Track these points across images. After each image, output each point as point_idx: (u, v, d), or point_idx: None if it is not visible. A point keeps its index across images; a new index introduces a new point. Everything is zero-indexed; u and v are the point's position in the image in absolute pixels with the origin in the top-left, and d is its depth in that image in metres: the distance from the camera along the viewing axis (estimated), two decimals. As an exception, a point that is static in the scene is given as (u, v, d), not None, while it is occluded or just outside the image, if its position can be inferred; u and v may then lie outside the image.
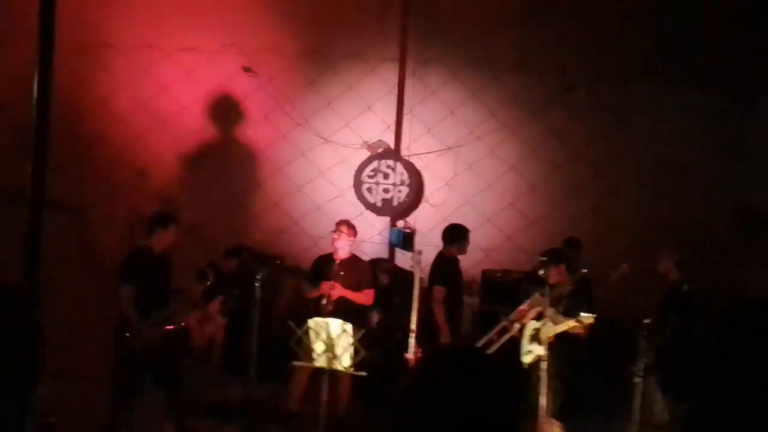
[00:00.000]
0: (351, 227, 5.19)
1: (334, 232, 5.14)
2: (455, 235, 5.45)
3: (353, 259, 5.20)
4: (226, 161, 6.65)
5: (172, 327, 4.68)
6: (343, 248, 5.12)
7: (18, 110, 6.25)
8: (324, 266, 5.14)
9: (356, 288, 5.10)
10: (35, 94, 5.74)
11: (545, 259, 4.68)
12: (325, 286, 5.00)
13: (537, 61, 6.34)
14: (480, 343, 4.74)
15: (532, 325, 4.75)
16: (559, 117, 6.35)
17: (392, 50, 6.51)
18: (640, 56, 6.29)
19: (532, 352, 4.74)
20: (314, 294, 5.07)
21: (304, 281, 5.23)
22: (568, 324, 4.59)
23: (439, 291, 5.25)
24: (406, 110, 6.56)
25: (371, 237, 6.45)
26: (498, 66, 6.39)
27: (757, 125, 6.27)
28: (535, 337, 4.74)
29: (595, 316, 4.57)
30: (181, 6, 6.66)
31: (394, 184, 6.48)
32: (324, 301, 5.01)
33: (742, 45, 6.16)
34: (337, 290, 5.00)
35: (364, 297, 5.18)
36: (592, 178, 6.27)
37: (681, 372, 4.54)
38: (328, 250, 5.24)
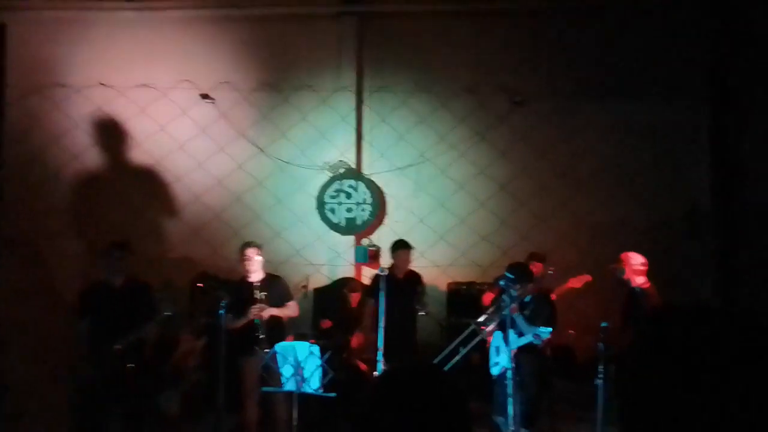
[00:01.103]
0: (257, 247, 5.18)
1: (242, 257, 5.14)
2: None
3: (269, 277, 5.19)
4: (183, 193, 6.68)
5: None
6: (257, 270, 5.13)
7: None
8: (241, 293, 5.02)
9: (280, 304, 5.12)
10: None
11: (512, 276, 4.81)
12: (255, 310, 4.92)
13: (484, 83, 6.61)
14: (445, 353, 4.84)
15: (498, 337, 4.88)
16: (505, 136, 6.60)
17: (343, 80, 6.71)
18: (580, 74, 6.62)
19: (498, 363, 4.87)
20: (242, 323, 4.93)
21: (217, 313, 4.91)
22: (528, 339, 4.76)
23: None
24: (358, 136, 6.73)
25: (335, 257, 6.55)
26: (448, 90, 6.64)
27: (692, 133, 6.62)
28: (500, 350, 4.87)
29: (551, 330, 4.77)
30: (135, 43, 6.73)
31: (357, 203, 6.60)
32: (259, 328, 4.88)
33: (676, 59, 6.54)
34: (267, 311, 4.97)
35: (291, 310, 5.19)
36: (538, 193, 6.52)
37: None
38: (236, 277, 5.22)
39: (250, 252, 5.11)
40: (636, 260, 4.97)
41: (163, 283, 5.97)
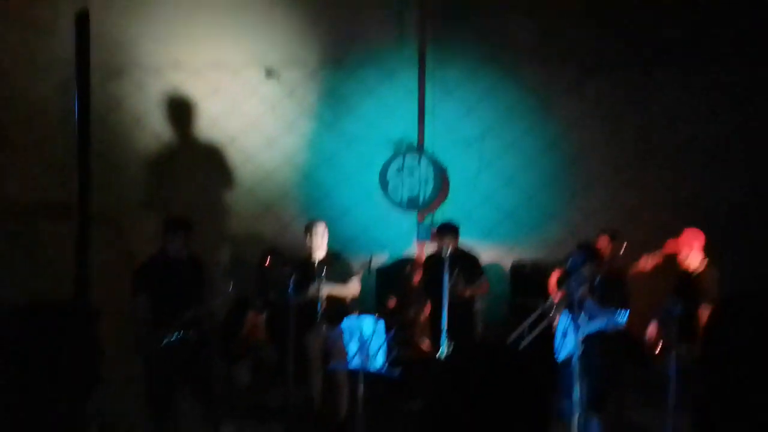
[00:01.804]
0: (323, 226, 5.22)
1: (308, 234, 5.19)
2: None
3: (330, 256, 5.25)
4: (254, 172, 6.87)
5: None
6: (320, 248, 5.16)
7: (60, 133, 6.63)
8: (304, 270, 5.13)
9: (341, 282, 5.17)
10: (76, 117, 6.08)
11: (580, 257, 4.70)
12: (312, 289, 5.02)
13: (553, 51, 6.36)
14: (512, 337, 4.81)
15: (565, 320, 4.78)
16: (576, 108, 6.36)
17: (407, 53, 6.62)
18: (654, 42, 6.25)
19: (565, 347, 4.79)
20: (301, 300, 5.03)
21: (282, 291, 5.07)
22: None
23: None
24: (426, 110, 6.66)
25: (400, 235, 6.59)
26: (515, 60, 6.44)
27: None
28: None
29: (627, 314, 4.60)
30: (207, 23, 6.89)
31: (419, 181, 6.59)
32: (319, 304, 5.01)
33: (754, 27, 6.05)
34: (325, 289, 5.04)
35: (352, 289, 5.26)
36: (610, 167, 6.28)
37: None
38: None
39: (317, 229, 5.22)
40: (697, 239, 4.75)
41: (231, 258, 6.22)
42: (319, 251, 5.25)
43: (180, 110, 6.97)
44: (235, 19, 6.89)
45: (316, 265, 5.18)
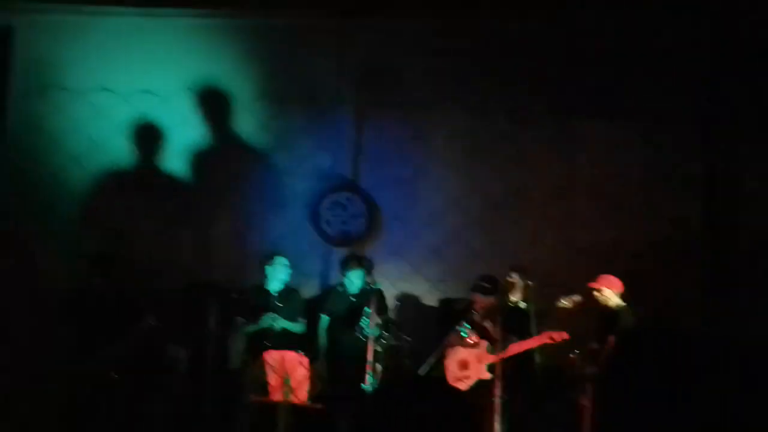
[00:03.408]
0: (286, 261, 5.34)
1: (268, 264, 5.21)
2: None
3: (287, 290, 5.29)
4: (180, 200, 6.72)
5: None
6: (284, 279, 5.20)
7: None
8: (259, 299, 5.16)
9: (294, 318, 5.19)
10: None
11: (488, 286, 4.92)
12: (268, 319, 5.05)
13: (479, 99, 6.66)
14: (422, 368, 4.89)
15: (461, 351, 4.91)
16: (501, 155, 6.66)
17: (343, 93, 6.77)
18: (577, 94, 6.68)
19: (469, 378, 4.91)
20: (253, 329, 5.10)
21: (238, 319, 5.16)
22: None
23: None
24: (356, 148, 6.78)
25: (328, 269, 6.57)
26: (445, 106, 6.70)
27: (685, 155, 6.68)
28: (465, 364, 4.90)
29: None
30: (139, 49, 6.80)
31: (353, 216, 6.64)
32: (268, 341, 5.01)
33: (670, 81, 6.60)
34: (279, 321, 5.09)
35: (299, 327, 5.33)
36: (531, 212, 6.58)
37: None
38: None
39: (282, 261, 5.14)
40: (614, 283, 5.17)
41: (153, 290, 6.01)
42: (277, 283, 5.20)
43: (103, 134, 6.77)
44: (168, 46, 6.84)
45: (276, 296, 5.13)
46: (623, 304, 5.13)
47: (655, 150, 6.66)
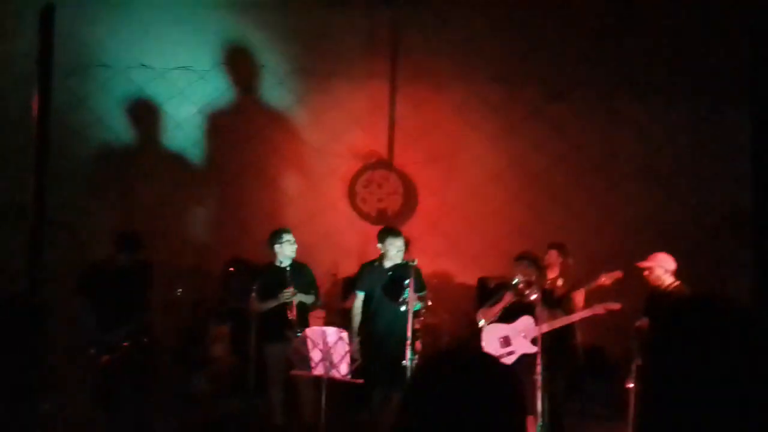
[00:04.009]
0: (291, 234, 5.25)
1: (277, 242, 5.18)
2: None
3: (296, 264, 5.25)
4: (218, 176, 6.77)
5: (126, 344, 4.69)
6: (290, 255, 5.19)
7: (17, 129, 6.42)
8: (273, 276, 5.11)
9: (306, 291, 5.19)
10: (35, 114, 5.89)
11: (532, 258, 4.85)
12: (288, 293, 4.98)
13: (519, 74, 6.53)
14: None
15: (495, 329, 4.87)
16: (539, 128, 6.50)
17: (377, 67, 6.68)
18: (618, 69, 6.48)
19: (513, 353, 4.87)
20: (270, 306, 5.02)
21: (255, 295, 5.06)
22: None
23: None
24: (391, 123, 6.72)
25: (365, 244, 6.56)
26: (482, 80, 6.56)
27: (731, 131, 6.44)
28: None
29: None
30: (176, 27, 6.81)
31: (388, 194, 6.60)
32: (288, 310, 4.98)
33: (714, 55, 6.35)
34: (297, 296, 5.04)
35: (314, 299, 5.31)
36: (572, 186, 6.43)
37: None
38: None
39: (288, 237, 5.18)
40: (667, 262, 4.77)
41: (190, 266, 6.09)
42: (287, 259, 5.20)
43: (143, 111, 6.84)
44: (203, 24, 6.84)
45: (287, 272, 5.13)
46: (677, 282, 4.74)
47: (700, 123, 6.43)
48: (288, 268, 5.13)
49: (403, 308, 4.79)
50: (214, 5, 6.84)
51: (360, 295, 5.14)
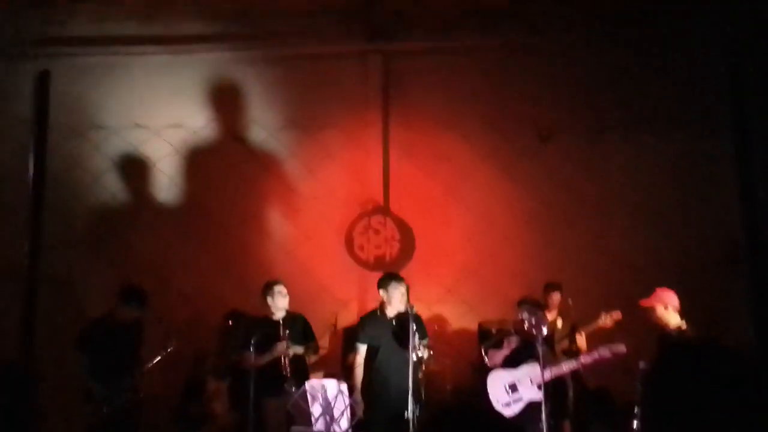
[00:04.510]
0: (283, 286, 5.22)
1: (268, 294, 5.14)
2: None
3: (290, 315, 5.20)
4: (214, 229, 6.79)
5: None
6: (283, 308, 5.14)
7: (13, 191, 6.46)
8: (267, 329, 5.03)
9: (302, 342, 5.10)
10: (31, 175, 5.96)
11: (534, 304, 4.83)
12: (281, 347, 4.92)
13: (508, 118, 6.65)
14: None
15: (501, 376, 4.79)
16: (530, 171, 6.58)
17: (369, 116, 6.80)
18: (606, 107, 6.61)
19: (521, 399, 4.77)
20: (265, 360, 4.96)
21: (244, 351, 4.96)
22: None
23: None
24: (385, 170, 6.79)
25: (363, 293, 6.54)
26: (472, 126, 6.68)
27: (721, 164, 6.52)
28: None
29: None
30: (168, 86, 6.97)
31: (385, 240, 6.62)
32: (284, 369, 4.91)
33: (699, 91, 6.50)
34: (292, 349, 4.98)
35: (311, 349, 5.25)
36: (567, 227, 6.46)
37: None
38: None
39: (278, 288, 5.15)
40: (671, 299, 4.54)
41: (187, 321, 6.02)
42: (280, 311, 5.16)
43: (139, 169, 6.92)
44: (196, 83, 6.99)
45: (280, 324, 5.07)
46: (682, 322, 4.50)
47: (689, 159, 6.51)
48: (281, 321, 5.09)
49: (414, 356, 4.69)
50: (207, 63, 7.01)
51: (362, 348, 5.02)
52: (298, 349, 5.11)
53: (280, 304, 5.13)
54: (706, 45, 6.53)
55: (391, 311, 5.08)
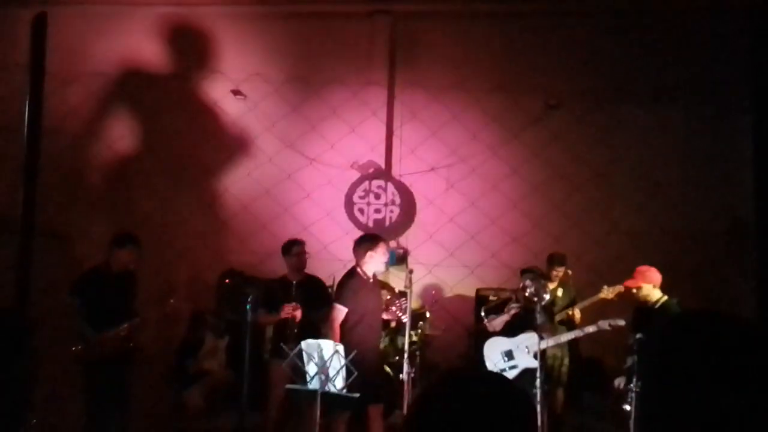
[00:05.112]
0: (303, 246, 5.13)
1: (286, 254, 5.07)
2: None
3: (308, 279, 5.13)
4: (213, 185, 6.70)
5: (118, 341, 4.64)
6: (301, 269, 5.08)
7: (8, 139, 6.34)
8: (280, 290, 5.02)
9: (318, 306, 5.03)
10: (26, 123, 5.82)
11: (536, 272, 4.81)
12: (288, 309, 4.90)
13: (517, 82, 6.48)
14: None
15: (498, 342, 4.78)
16: (538, 136, 6.45)
17: (374, 75, 6.63)
18: (618, 76, 6.44)
19: (516, 366, 4.81)
20: (274, 320, 4.95)
21: (260, 308, 4.91)
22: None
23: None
24: (388, 132, 6.66)
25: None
26: (481, 88, 6.52)
27: (733, 140, 6.40)
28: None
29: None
30: (171, 36, 6.77)
31: (385, 204, 6.53)
32: (290, 327, 4.88)
33: (716, 63, 6.32)
34: (300, 312, 4.92)
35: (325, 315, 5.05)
36: (572, 195, 6.37)
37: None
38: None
39: (297, 249, 5.07)
40: (656, 276, 4.73)
41: (185, 278, 5.98)
42: (298, 272, 5.11)
43: (138, 120, 6.78)
44: (199, 30, 6.80)
45: (293, 286, 5.03)
46: (665, 297, 4.73)
47: (700, 132, 6.38)
48: (294, 283, 5.05)
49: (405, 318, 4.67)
50: (209, 16, 6.81)
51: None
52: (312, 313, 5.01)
53: (296, 263, 5.07)
54: (725, 17, 6.33)
55: (370, 271, 4.94)
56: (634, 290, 4.75)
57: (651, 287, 4.72)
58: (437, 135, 6.58)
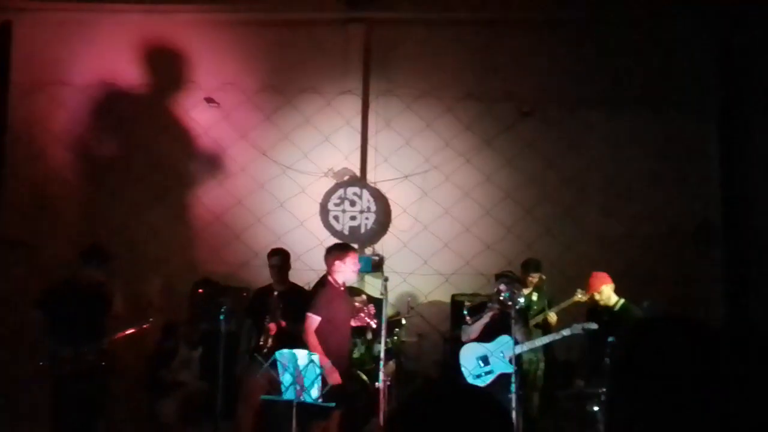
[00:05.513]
0: (282, 256, 5.08)
1: (268, 263, 5.05)
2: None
3: (291, 290, 5.10)
4: (185, 194, 6.62)
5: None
6: (280, 281, 5.03)
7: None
8: (262, 300, 4.97)
9: (299, 317, 5.01)
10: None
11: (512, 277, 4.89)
12: (271, 325, 4.83)
13: (490, 90, 6.56)
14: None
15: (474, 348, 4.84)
16: (511, 144, 6.53)
17: (349, 83, 6.64)
18: (588, 83, 6.56)
19: (492, 372, 4.85)
20: (261, 337, 4.88)
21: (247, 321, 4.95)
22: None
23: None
24: (363, 140, 6.67)
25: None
26: (454, 96, 6.57)
27: (700, 144, 6.55)
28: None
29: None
30: (141, 44, 6.69)
31: (361, 211, 6.53)
32: (261, 340, 4.81)
33: (683, 69, 6.48)
34: (274, 325, 4.85)
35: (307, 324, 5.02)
36: (544, 202, 6.45)
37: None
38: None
39: (275, 261, 5.03)
40: (608, 280, 5.05)
41: (162, 287, 5.89)
42: (279, 284, 5.04)
43: (107, 129, 6.68)
44: (172, 41, 6.74)
45: (274, 296, 4.96)
46: (622, 300, 5.03)
47: (670, 138, 6.52)
48: (276, 293, 5.00)
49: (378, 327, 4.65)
50: (181, 23, 6.75)
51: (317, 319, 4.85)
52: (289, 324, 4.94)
53: (276, 275, 5.02)
54: (694, 24, 6.49)
55: (340, 280, 4.91)
56: (596, 295, 5.08)
57: (611, 288, 5.06)
58: (411, 143, 6.61)
